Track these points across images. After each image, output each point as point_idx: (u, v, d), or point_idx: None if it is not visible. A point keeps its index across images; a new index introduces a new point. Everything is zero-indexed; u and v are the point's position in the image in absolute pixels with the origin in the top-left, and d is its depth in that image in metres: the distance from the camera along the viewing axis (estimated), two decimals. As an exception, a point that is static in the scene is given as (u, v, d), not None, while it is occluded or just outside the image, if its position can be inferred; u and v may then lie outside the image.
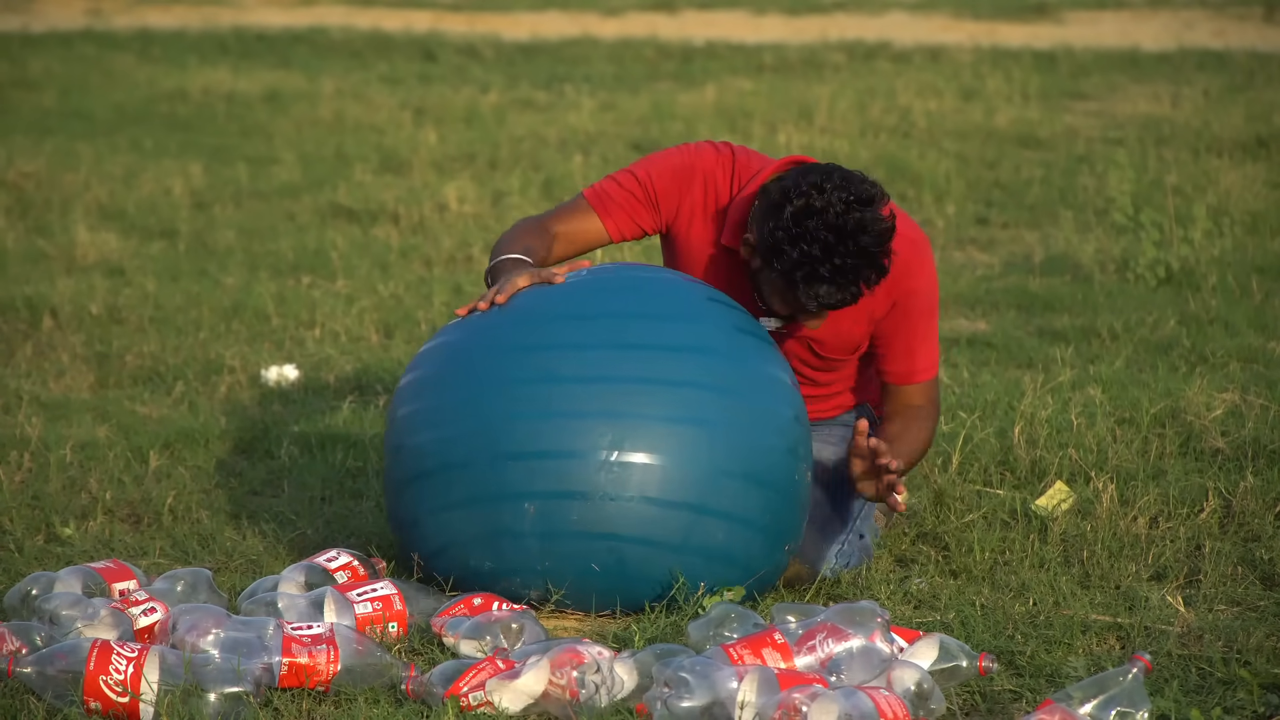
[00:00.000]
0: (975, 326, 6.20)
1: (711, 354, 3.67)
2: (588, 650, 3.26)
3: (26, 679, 3.24)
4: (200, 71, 12.91)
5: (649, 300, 3.74)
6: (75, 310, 6.27)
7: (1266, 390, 5.06)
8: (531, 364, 3.64)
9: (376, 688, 3.31)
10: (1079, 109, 11.01)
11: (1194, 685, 3.34)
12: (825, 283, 3.68)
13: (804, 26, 15.25)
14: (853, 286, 3.70)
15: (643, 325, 3.69)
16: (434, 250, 7.34)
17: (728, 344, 3.71)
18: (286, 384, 5.47)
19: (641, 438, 3.57)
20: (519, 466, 3.58)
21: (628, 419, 3.58)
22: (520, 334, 3.69)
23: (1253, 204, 7.75)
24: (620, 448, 3.56)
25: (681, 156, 3.93)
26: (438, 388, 3.71)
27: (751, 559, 3.66)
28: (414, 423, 3.71)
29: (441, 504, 3.66)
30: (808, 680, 3.17)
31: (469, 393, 3.66)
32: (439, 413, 3.68)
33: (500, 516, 3.59)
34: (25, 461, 4.62)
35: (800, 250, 3.66)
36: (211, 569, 3.87)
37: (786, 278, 3.71)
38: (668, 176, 3.92)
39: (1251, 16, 16.37)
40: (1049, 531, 4.10)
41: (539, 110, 11.16)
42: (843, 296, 3.71)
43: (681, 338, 3.68)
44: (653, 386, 3.61)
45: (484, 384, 3.65)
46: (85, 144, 9.91)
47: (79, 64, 13.48)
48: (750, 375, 3.69)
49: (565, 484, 3.56)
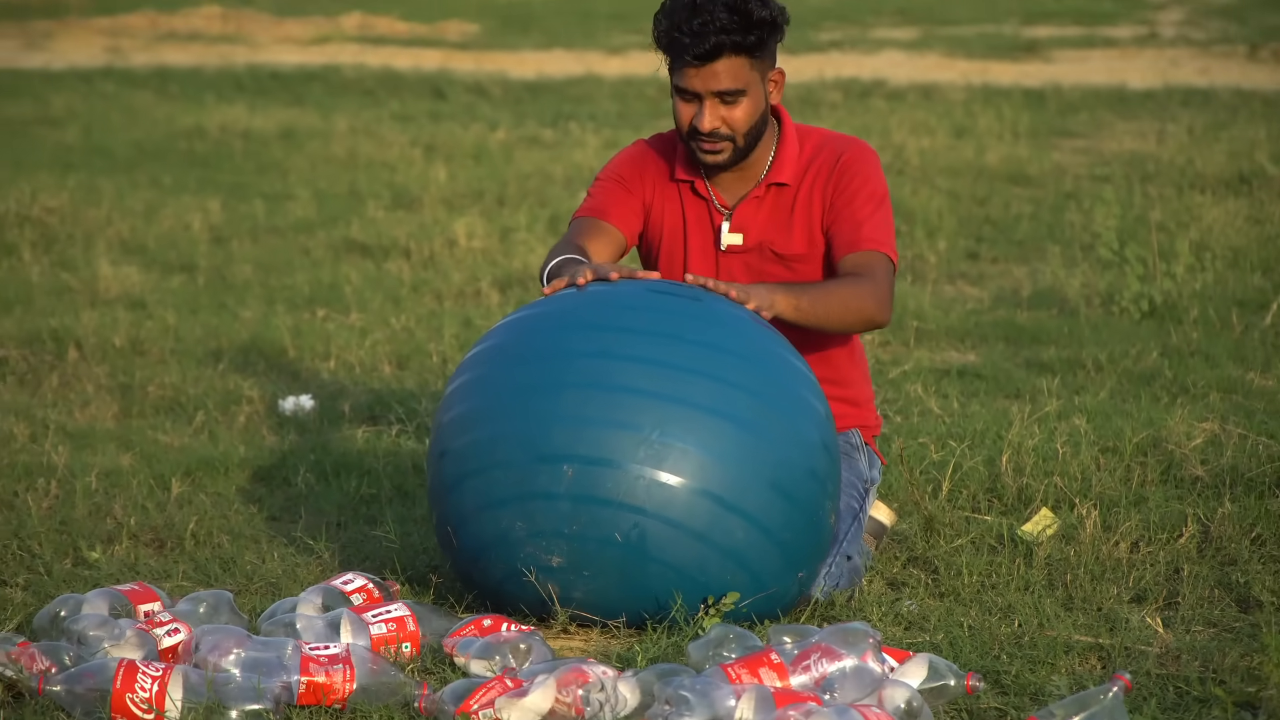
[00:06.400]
0: (965, 358, 6.21)
1: (755, 362, 3.71)
2: (592, 670, 3.29)
3: (56, 697, 3.27)
4: (217, 109, 12.92)
5: (701, 305, 3.78)
6: (99, 342, 6.29)
7: (1245, 420, 5.08)
8: (590, 339, 3.68)
9: (391, 705, 3.33)
10: (1067, 146, 11.02)
11: (1171, 703, 3.36)
12: (691, 15, 3.94)
13: (801, 65, 15.25)
14: (720, 13, 3.92)
15: (695, 324, 3.72)
16: (444, 284, 7.35)
17: (770, 357, 3.75)
18: (303, 413, 5.50)
19: (685, 422, 3.59)
20: (565, 431, 3.60)
21: (676, 403, 3.60)
22: (583, 314, 3.74)
23: (1234, 239, 7.76)
24: (663, 427, 3.58)
25: (628, 150, 4.26)
26: (492, 362, 3.76)
27: (764, 570, 3.67)
28: (474, 389, 3.76)
29: (488, 462, 3.67)
30: (803, 699, 3.19)
31: (522, 367, 3.69)
32: (494, 382, 3.72)
33: (538, 477, 3.61)
34: (52, 488, 4.64)
35: (665, 6, 4.00)
36: (232, 591, 3.90)
37: (667, 43, 3.98)
38: (626, 165, 4.22)
39: (1235, 55, 16.37)
40: (1034, 556, 4.11)
41: (545, 147, 11.17)
42: (707, 21, 3.92)
43: (730, 341, 3.71)
44: (701, 378, 3.64)
45: (538, 356, 3.69)
46: (107, 180, 9.92)
47: (99, 101, 13.49)
48: (787, 392, 3.73)
49: (605, 452, 3.57)
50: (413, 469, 4.88)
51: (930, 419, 5.28)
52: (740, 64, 3.98)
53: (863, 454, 4.19)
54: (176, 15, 21.18)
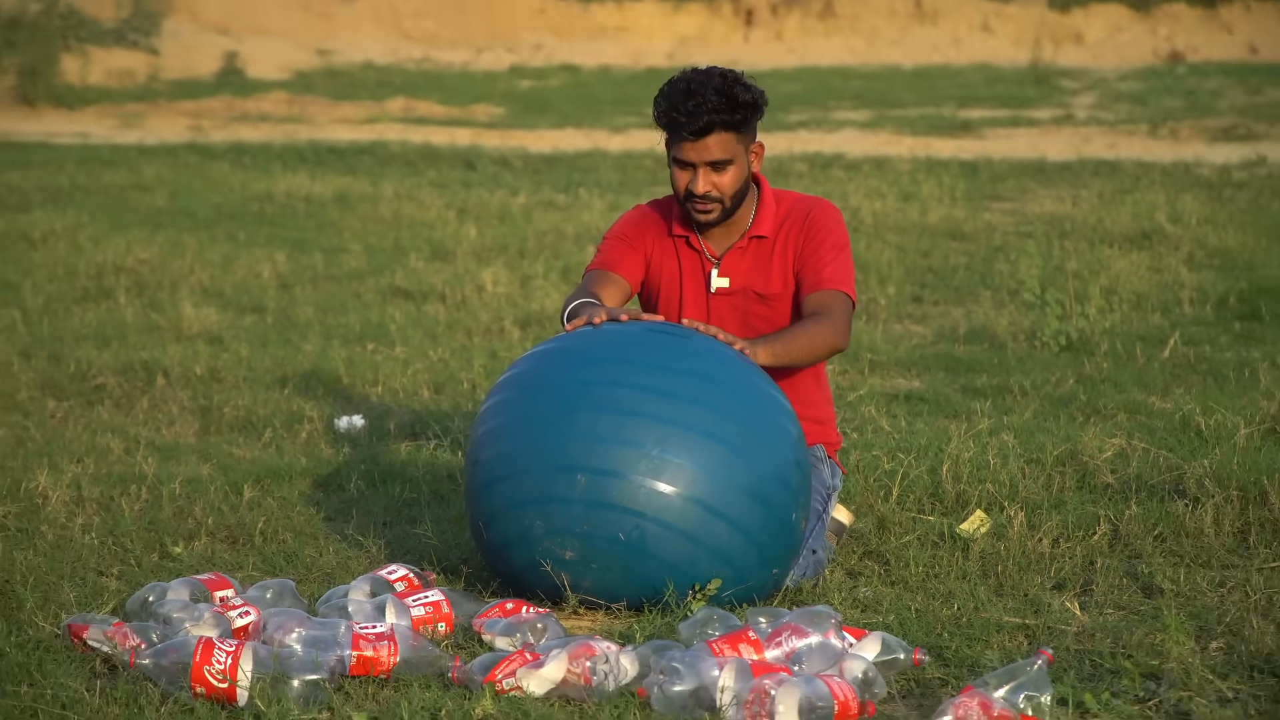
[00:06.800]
0: (911, 385, 6.21)
1: (739, 392, 3.70)
2: (599, 645, 3.29)
3: (145, 669, 3.28)
4: (283, 177, 12.94)
5: (694, 342, 3.77)
6: (183, 371, 6.29)
7: (1147, 436, 5.07)
8: (601, 370, 3.67)
9: (428, 675, 3.33)
10: (996, 208, 11.03)
11: (1087, 674, 3.35)
12: (686, 98, 3.94)
13: (774, 141, 15.29)
14: (710, 96, 3.92)
15: (690, 359, 3.71)
16: (474, 323, 7.36)
17: (752, 387, 3.74)
18: (355, 431, 5.49)
19: (680, 441, 3.58)
20: (579, 445, 3.59)
21: (673, 425, 3.59)
22: (596, 349, 3.73)
23: (1137, 285, 7.77)
24: (662, 445, 3.57)
25: (630, 213, 4.24)
26: (520, 387, 3.75)
27: (744, 567, 3.66)
28: (504, 408, 3.74)
29: (513, 470, 3.65)
30: (775, 669, 3.20)
31: (545, 392, 3.68)
32: (520, 403, 3.70)
33: (556, 484, 3.59)
34: (143, 494, 4.65)
35: (664, 91, 3.98)
36: (294, 580, 3.90)
37: (666, 122, 3.97)
38: (629, 225, 4.21)
39: (1138, 132, 16.40)
40: (970, 550, 4.11)
41: (559, 210, 11.18)
42: (700, 103, 3.92)
43: (719, 374, 3.71)
44: (694, 405, 3.63)
45: (558, 384, 3.68)
46: (190, 236, 9.94)
47: (184, 171, 13.51)
48: (766, 418, 3.72)
49: (613, 464, 3.56)
50: (447, 477, 4.87)
51: (882, 435, 5.27)
52: (728, 139, 3.98)
53: (826, 465, 4.19)
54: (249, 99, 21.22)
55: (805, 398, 4.15)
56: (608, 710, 3.18)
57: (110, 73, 23.13)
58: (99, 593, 3.82)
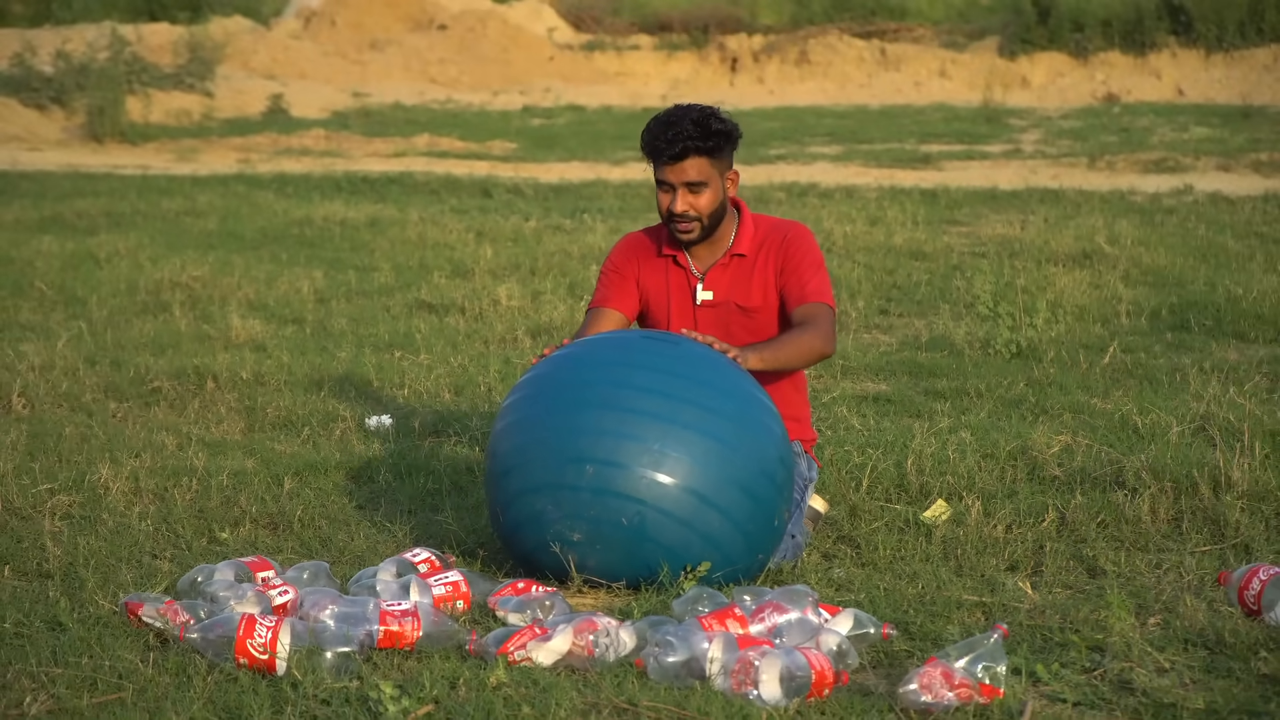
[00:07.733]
0: (878, 388, 6.19)
1: (730, 394, 3.68)
2: (601, 620, 3.27)
3: (193, 643, 3.26)
4: (321, 204, 12.92)
5: (692, 351, 3.75)
6: (230, 376, 6.27)
7: (1091, 434, 5.06)
8: (608, 373, 3.65)
9: (448, 648, 3.31)
10: (954, 231, 11.01)
11: (1039, 647, 3.34)
12: (666, 129, 3.95)
13: (755, 172, 15.29)
14: (687, 125, 3.93)
15: (687, 364, 3.69)
16: (490, 333, 7.34)
17: (742, 391, 3.72)
18: (383, 429, 5.47)
19: (678, 437, 3.56)
20: (588, 439, 3.56)
21: (671, 422, 3.57)
22: (603, 354, 3.73)
23: (1080, 300, 7.76)
24: (662, 440, 3.55)
25: (621, 242, 4.25)
26: (535, 387, 3.73)
27: (732, 552, 3.64)
28: (523, 406, 3.73)
29: (527, 459, 3.63)
30: (759, 643, 3.17)
31: (557, 391, 3.66)
32: (537, 401, 3.68)
33: (566, 473, 3.57)
34: (193, 485, 4.63)
35: (649, 125, 4.00)
36: (329, 562, 3.87)
37: (650, 150, 3.97)
38: (620, 257, 4.22)
39: (1078, 164, 16.37)
40: (933, 536, 4.10)
41: (566, 233, 11.17)
42: (678, 131, 3.93)
43: (712, 378, 3.68)
44: (690, 405, 3.61)
45: (569, 385, 3.66)
46: (238, 256, 9.92)
47: (233, 199, 13.49)
48: (754, 418, 3.70)
49: (618, 456, 3.54)
50: (466, 470, 4.85)
51: (853, 433, 5.25)
52: (703, 163, 3.99)
53: (803, 459, 4.17)
54: (292, 136, 21.19)
55: (786, 399, 4.14)
56: (609, 679, 3.16)
57: (169, 112, 23.13)
58: (153, 574, 3.81)
